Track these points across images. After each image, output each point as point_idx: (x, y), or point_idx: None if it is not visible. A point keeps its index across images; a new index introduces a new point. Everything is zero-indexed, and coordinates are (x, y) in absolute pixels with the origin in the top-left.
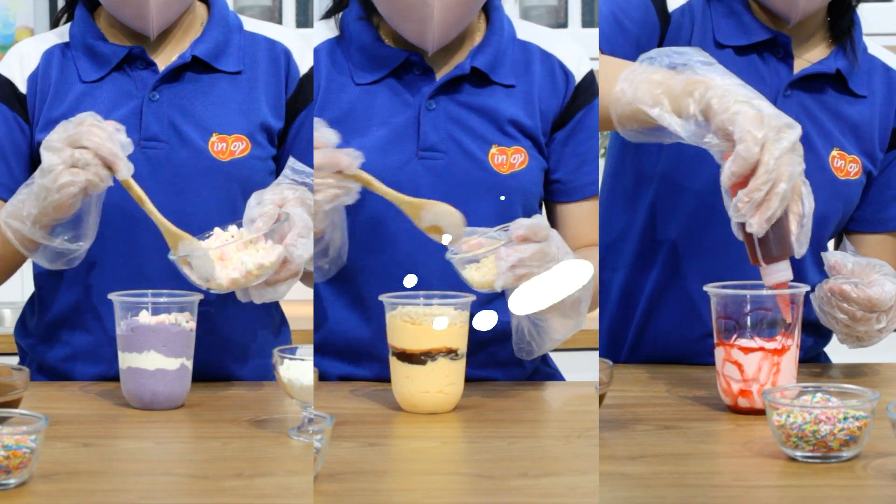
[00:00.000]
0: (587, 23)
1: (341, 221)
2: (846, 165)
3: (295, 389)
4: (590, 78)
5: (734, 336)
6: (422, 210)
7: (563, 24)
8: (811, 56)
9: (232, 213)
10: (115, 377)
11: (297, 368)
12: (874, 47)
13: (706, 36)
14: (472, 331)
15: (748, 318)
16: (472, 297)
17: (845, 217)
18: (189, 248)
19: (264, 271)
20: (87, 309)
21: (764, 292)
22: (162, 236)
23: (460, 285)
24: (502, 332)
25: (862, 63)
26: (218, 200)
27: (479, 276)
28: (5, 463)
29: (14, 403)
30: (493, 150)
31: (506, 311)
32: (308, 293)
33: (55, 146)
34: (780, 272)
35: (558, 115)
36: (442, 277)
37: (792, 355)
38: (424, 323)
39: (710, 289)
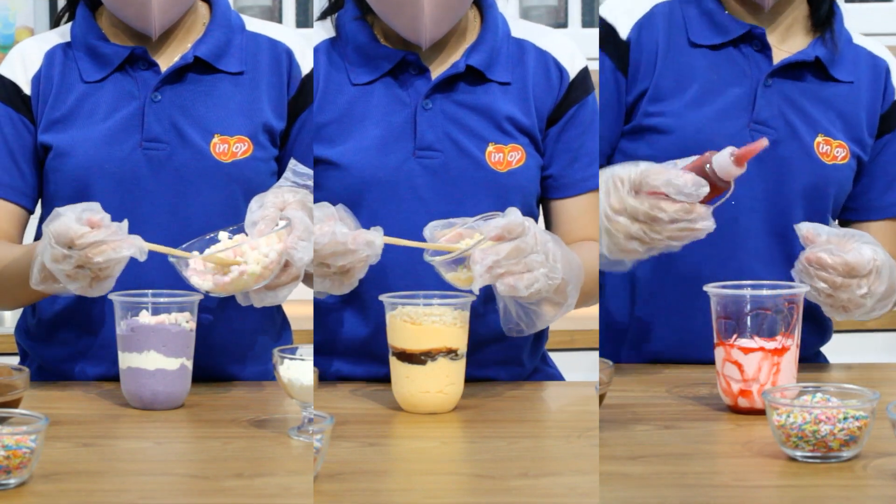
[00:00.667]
0: (587, 23)
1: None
2: (832, 150)
3: (295, 389)
4: (584, 74)
5: (734, 336)
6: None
7: (563, 24)
8: (791, 47)
9: (234, 215)
10: (115, 377)
11: (297, 368)
12: (860, 37)
13: (679, 37)
14: (471, 330)
15: (748, 318)
16: (473, 297)
17: (839, 202)
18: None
19: (267, 273)
20: (88, 309)
21: (764, 293)
22: (164, 239)
23: None
24: (502, 331)
25: (847, 52)
26: (220, 202)
27: (462, 275)
28: (5, 463)
29: (14, 403)
30: (490, 147)
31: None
32: (308, 293)
33: (68, 273)
34: (731, 156)
35: (552, 111)
36: (439, 277)
37: (792, 355)
38: (424, 323)
39: (710, 289)
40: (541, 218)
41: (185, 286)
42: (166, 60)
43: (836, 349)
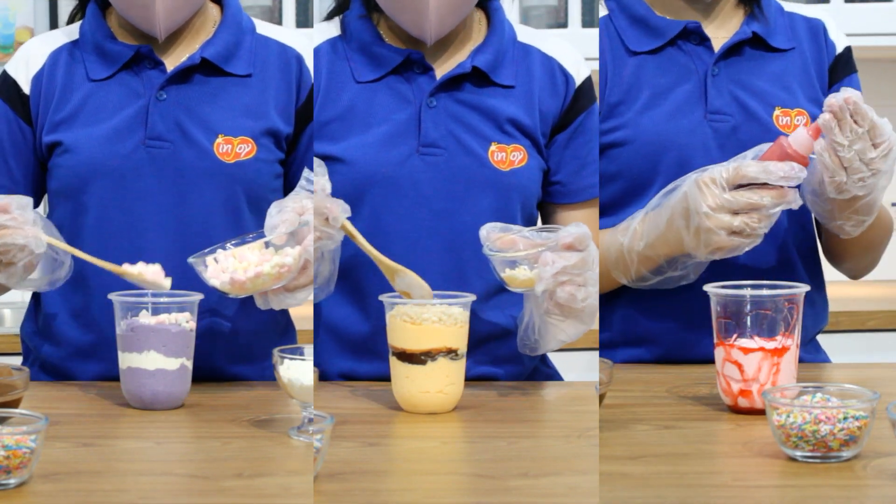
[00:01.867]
0: (587, 23)
1: (333, 255)
2: (792, 120)
3: (295, 389)
4: (589, 82)
5: (734, 336)
6: (396, 275)
7: (563, 24)
8: (728, 31)
9: (234, 216)
10: (117, 376)
11: (297, 368)
12: (790, 5)
13: (618, 47)
14: (471, 327)
15: (748, 318)
16: (473, 297)
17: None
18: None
19: (286, 273)
20: (90, 308)
21: (764, 293)
22: (165, 238)
23: (459, 282)
24: (503, 328)
25: (780, 21)
26: (221, 202)
27: (520, 275)
28: (5, 463)
29: (14, 403)
30: (493, 147)
31: (507, 308)
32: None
33: None
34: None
35: (559, 118)
36: (439, 273)
37: (792, 355)
38: (424, 323)
39: (710, 289)
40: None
41: (187, 286)
42: (174, 60)
43: (836, 349)
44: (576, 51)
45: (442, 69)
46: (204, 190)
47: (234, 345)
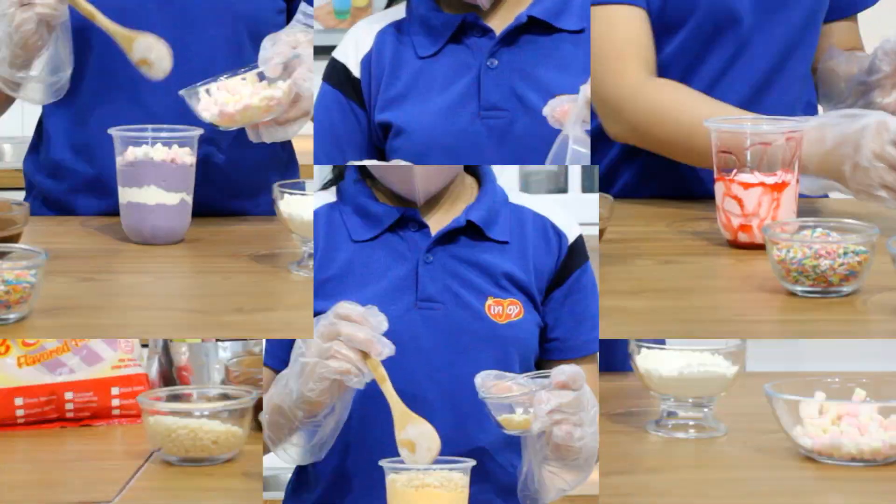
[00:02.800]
0: (587, 188)
1: (336, 422)
2: None
3: (295, 224)
4: (581, 241)
5: (734, 171)
6: (409, 422)
7: (563, 189)
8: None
9: (237, 52)
10: (118, 211)
11: (298, 203)
12: None
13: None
14: (472, 481)
15: (748, 153)
16: (472, 462)
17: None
18: (146, 44)
19: (275, 105)
20: (92, 143)
21: (764, 127)
22: (168, 75)
23: (460, 436)
24: (505, 485)
25: None
26: (224, 38)
27: (516, 418)
28: (5, 298)
29: (14, 238)
30: (490, 301)
31: (509, 464)
32: (309, 128)
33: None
34: None
35: (554, 274)
36: (440, 426)
37: (792, 190)
38: (425, 488)
39: (711, 123)
40: None
41: (189, 122)
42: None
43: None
44: (566, 211)
45: (437, 226)
46: (207, 26)
47: (234, 179)
